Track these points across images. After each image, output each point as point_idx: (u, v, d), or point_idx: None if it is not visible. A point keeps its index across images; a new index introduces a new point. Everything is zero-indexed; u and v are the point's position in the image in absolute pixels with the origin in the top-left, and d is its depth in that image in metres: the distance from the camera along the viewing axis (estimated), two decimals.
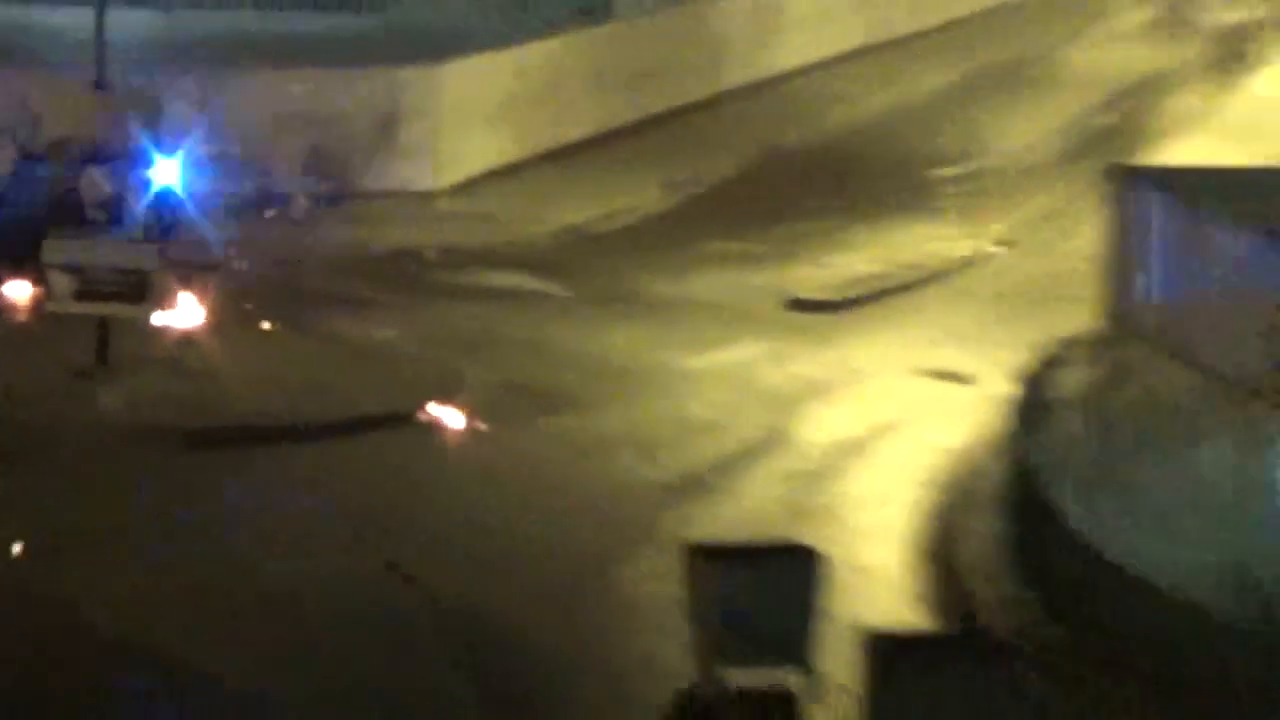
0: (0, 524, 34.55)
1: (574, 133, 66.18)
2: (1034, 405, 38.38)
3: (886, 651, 23.98)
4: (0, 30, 68.89)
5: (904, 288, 53.39)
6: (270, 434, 39.82)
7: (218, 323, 43.46)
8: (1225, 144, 64.57)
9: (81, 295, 43.08)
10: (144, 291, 43.02)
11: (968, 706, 23.14)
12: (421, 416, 40.67)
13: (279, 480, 38.12)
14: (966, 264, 55.89)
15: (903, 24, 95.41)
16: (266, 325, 44.76)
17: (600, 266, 54.18)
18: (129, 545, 34.94)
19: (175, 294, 43.01)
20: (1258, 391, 33.23)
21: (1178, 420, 37.71)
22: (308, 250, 52.75)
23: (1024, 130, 71.27)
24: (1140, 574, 31.69)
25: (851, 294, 52.91)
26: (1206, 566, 32.07)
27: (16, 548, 34.19)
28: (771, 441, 41.42)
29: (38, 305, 43.60)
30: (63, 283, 43.15)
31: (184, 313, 42.93)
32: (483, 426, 40.72)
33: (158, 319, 42.92)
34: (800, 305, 51.20)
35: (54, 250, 43.48)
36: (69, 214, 45.08)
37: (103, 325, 42.86)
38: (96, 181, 44.82)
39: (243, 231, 51.58)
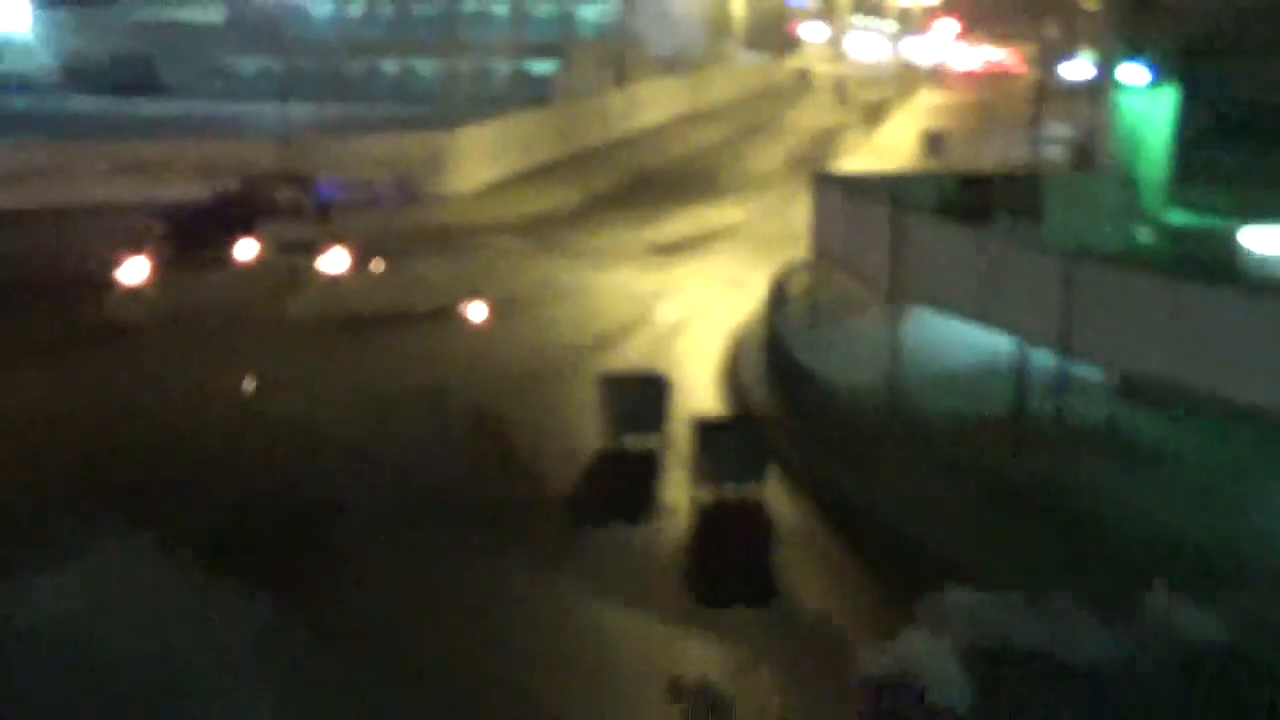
0: (238, 371, 36.79)
1: (532, 164, 71.42)
2: (778, 298, 40.26)
3: (703, 426, 29.86)
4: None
5: (707, 238, 56.45)
6: (380, 320, 42.45)
7: (353, 266, 46.63)
8: (869, 161, 68.53)
9: (281, 250, 45.02)
10: (313, 249, 46.12)
11: (746, 449, 29.04)
12: (458, 311, 43.09)
13: (384, 342, 40.55)
14: (739, 226, 59.03)
15: (702, 104, 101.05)
16: (378, 267, 47.61)
17: (548, 232, 57.66)
18: (312, 381, 36.86)
19: (331, 251, 45.93)
20: (882, 288, 34.21)
21: (850, 304, 39.38)
22: (396, 227, 55.47)
23: (767, 156, 75.33)
24: (830, 382, 32.95)
25: (680, 242, 55.61)
26: (866, 378, 33.23)
27: (249, 385, 36.20)
28: (642, 321, 43.97)
29: (258, 256, 45.90)
30: (271, 244, 43.94)
31: (335, 260, 46.18)
32: (489, 316, 42.99)
33: (321, 265, 46.00)
34: (655, 249, 54.32)
35: (267, 227, 44.23)
36: (275, 208, 46.02)
37: (292, 268, 45.73)
38: (287, 193, 46.02)
39: (362, 219, 54.65)
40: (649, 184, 68.58)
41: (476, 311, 42.56)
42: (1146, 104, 44.29)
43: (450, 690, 21.84)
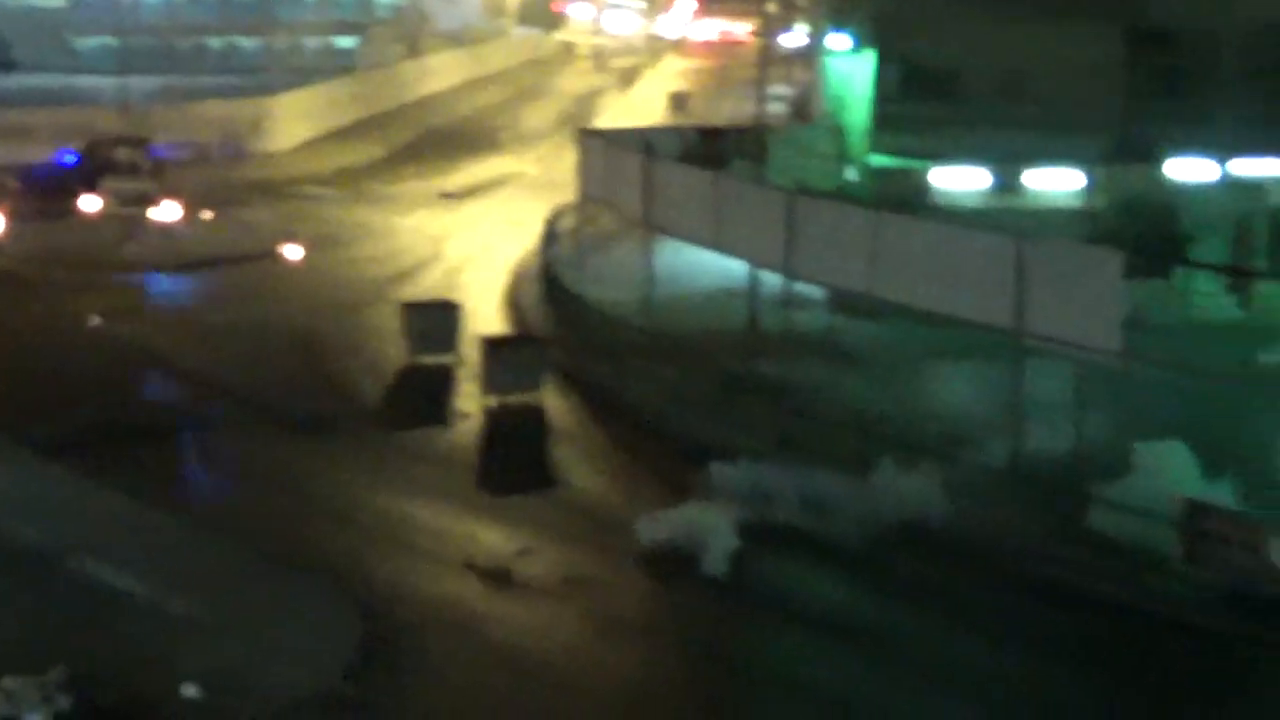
0: (85, 306, 35.93)
1: (340, 125, 69.41)
2: (551, 234, 40.14)
3: (490, 343, 27.76)
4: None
5: (491, 185, 55.99)
6: (209, 262, 41.22)
7: (184, 215, 45.33)
8: (625, 117, 67.83)
9: (120, 203, 42.47)
10: (148, 202, 44.95)
11: (527, 362, 29.20)
12: (278, 252, 41.98)
13: (214, 281, 39.63)
14: (517, 174, 58.57)
15: (483, 72, 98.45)
16: (207, 215, 46.23)
17: (355, 182, 56.65)
18: (150, 315, 36.47)
19: (164, 203, 44.67)
20: (637, 223, 34.17)
21: (611, 238, 39.20)
22: (223, 181, 53.56)
23: (539, 115, 74.87)
24: (596, 303, 33.11)
25: (468, 189, 54.90)
26: (626, 299, 33.25)
27: (95, 318, 35.34)
28: (435, 257, 43.58)
29: (99, 209, 44.68)
30: (112, 198, 42.49)
31: (167, 211, 44.93)
32: (305, 255, 42.03)
33: (155, 215, 44.67)
34: (445, 195, 53.56)
35: (107, 184, 42.78)
36: (114, 167, 43.84)
37: (129, 218, 44.38)
38: (125, 153, 44.35)
39: (193, 174, 52.57)
40: (440, 140, 67.59)
41: (293, 251, 41.51)
42: (850, 66, 44.97)
43: (278, 550, 21.67)
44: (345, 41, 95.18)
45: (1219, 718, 17.86)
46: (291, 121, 64.54)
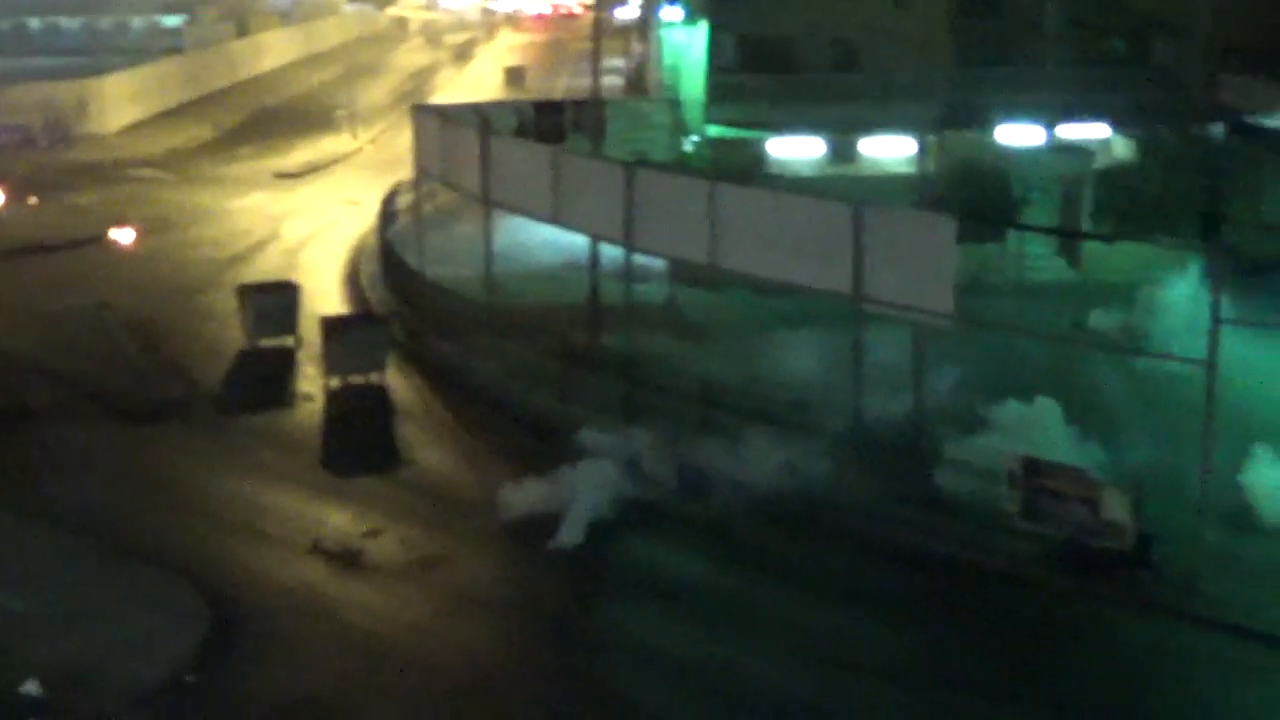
0: None
1: (169, 105, 68.30)
2: (388, 212, 39.82)
3: (330, 324, 27.49)
4: None
5: (328, 164, 55.18)
6: (38, 248, 40.30)
7: (8, 201, 44.40)
8: (461, 93, 68.68)
9: None
10: None
11: (368, 341, 29.02)
12: (109, 236, 40.96)
13: (45, 267, 38.71)
14: (355, 153, 57.88)
15: (315, 50, 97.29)
16: (33, 200, 45.38)
17: (187, 164, 55.56)
18: None
19: None
20: (476, 199, 33.21)
21: (451, 215, 39.13)
22: (50, 165, 52.75)
23: (374, 92, 73.77)
24: (437, 281, 32.86)
25: (303, 169, 54.11)
26: (466, 275, 32.92)
27: None
28: (272, 237, 43.06)
29: None
30: None
31: None
32: (137, 238, 41.15)
33: None
34: (280, 175, 52.85)
35: None
36: None
37: None
38: None
39: (18, 158, 52.15)
40: (273, 120, 66.69)
41: (125, 235, 40.66)
42: (684, 38, 45.19)
43: (122, 541, 21.50)
44: (172, 20, 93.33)
45: (1047, 665, 18.33)
46: (119, 103, 63.40)
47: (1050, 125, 39.02)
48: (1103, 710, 17.38)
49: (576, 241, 30.75)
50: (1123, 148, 40.23)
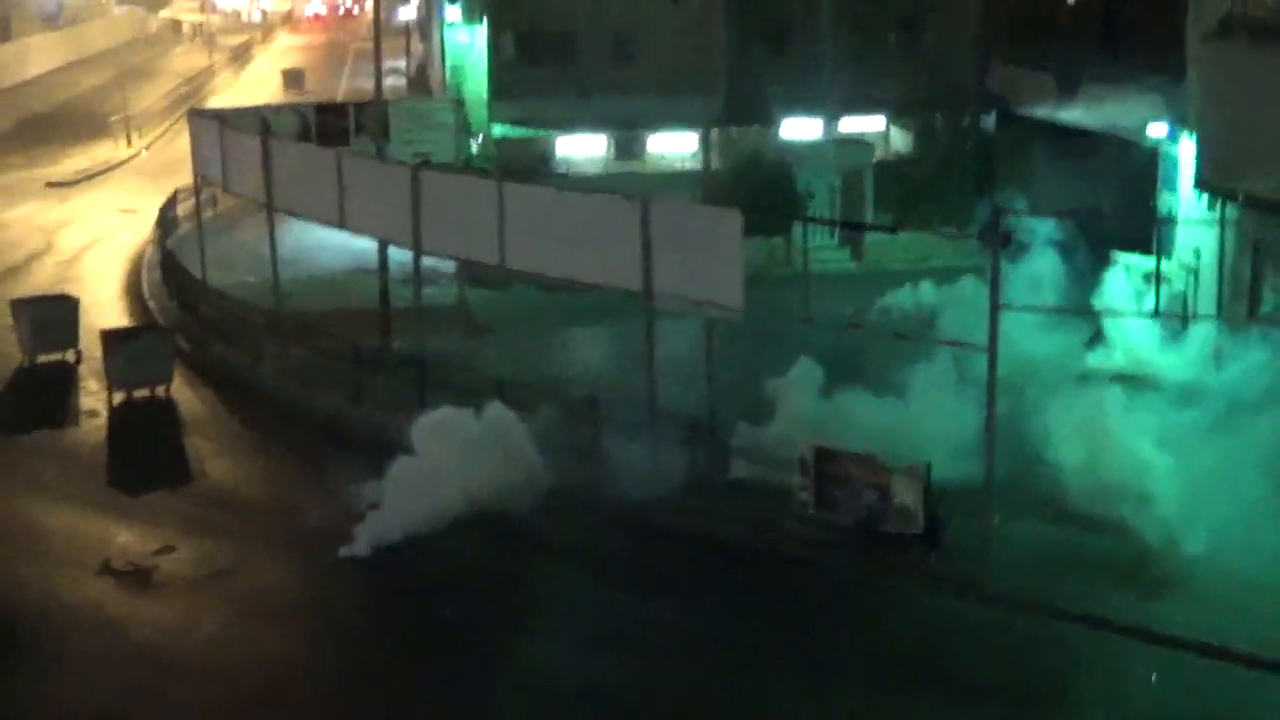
0: None
1: None
2: (166, 219, 39.73)
3: (111, 336, 26.96)
4: None
5: (103, 171, 53.94)
6: None
7: None
8: (238, 98, 66.44)
9: None
10: None
11: (152, 353, 28.46)
12: None
13: None
14: (131, 159, 56.53)
15: (85, 52, 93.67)
16: None
17: None
18: None
19: None
20: (259, 203, 32.69)
21: (233, 221, 39.16)
22: None
23: (149, 97, 70.57)
24: (221, 288, 32.50)
25: (78, 177, 52.56)
26: (252, 281, 33.06)
27: None
28: (48, 248, 41.90)
29: None
30: None
31: None
32: None
33: None
34: (53, 184, 51.23)
35: None
36: None
37: None
38: None
39: None
40: (42, 126, 64.63)
41: None
42: (465, 37, 45.25)
43: None
44: None
45: (833, 640, 18.83)
46: None
47: (830, 118, 39.49)
48: (887, 675, 17.95)
49: (364, 245, 30.51)
50: (900, 139, 41.16)
